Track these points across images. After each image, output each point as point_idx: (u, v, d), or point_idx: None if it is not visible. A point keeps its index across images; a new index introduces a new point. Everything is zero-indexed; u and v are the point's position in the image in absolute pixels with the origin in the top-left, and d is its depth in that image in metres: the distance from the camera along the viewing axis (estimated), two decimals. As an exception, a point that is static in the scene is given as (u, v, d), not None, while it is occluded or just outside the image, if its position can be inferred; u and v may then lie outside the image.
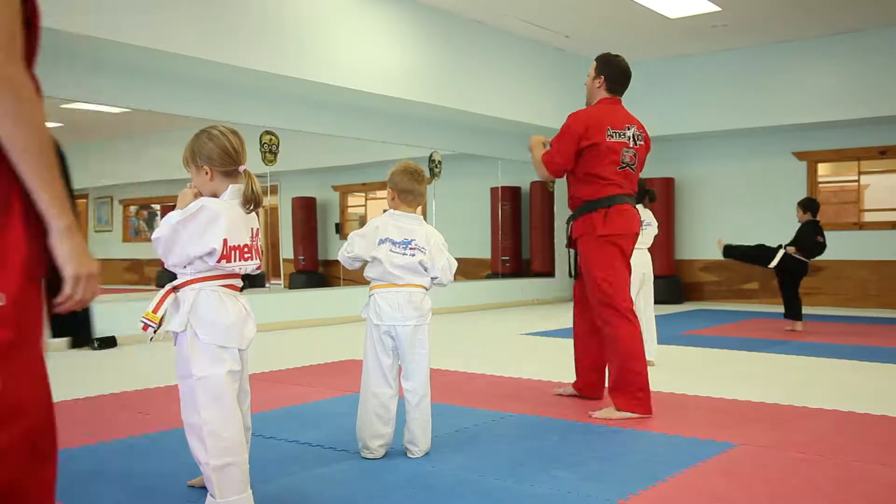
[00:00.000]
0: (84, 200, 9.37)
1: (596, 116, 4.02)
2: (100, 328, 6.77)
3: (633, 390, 3.78)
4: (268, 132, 8.36)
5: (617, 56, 4.26)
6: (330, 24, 7.90)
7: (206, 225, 2.34)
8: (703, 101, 10.92)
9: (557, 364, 5.52)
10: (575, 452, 3.17)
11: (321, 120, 8.73)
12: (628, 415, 3.76)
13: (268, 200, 9.53)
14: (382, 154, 9.23)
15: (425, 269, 3.10)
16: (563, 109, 4.34)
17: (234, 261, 2.38)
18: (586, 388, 4.25)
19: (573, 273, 4.17)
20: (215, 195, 2.44)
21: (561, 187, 11.97)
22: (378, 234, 3.11)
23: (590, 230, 3.94)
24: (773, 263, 7.51)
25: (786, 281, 7.63)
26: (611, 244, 3.92)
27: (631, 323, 3.88)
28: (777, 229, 9.36)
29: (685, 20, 9.44)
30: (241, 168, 2.44)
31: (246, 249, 2.42)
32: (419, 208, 3.27)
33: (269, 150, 8.39)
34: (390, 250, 3.08)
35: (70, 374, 5.40)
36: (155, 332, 2.38)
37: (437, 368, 4.88)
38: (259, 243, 2.52)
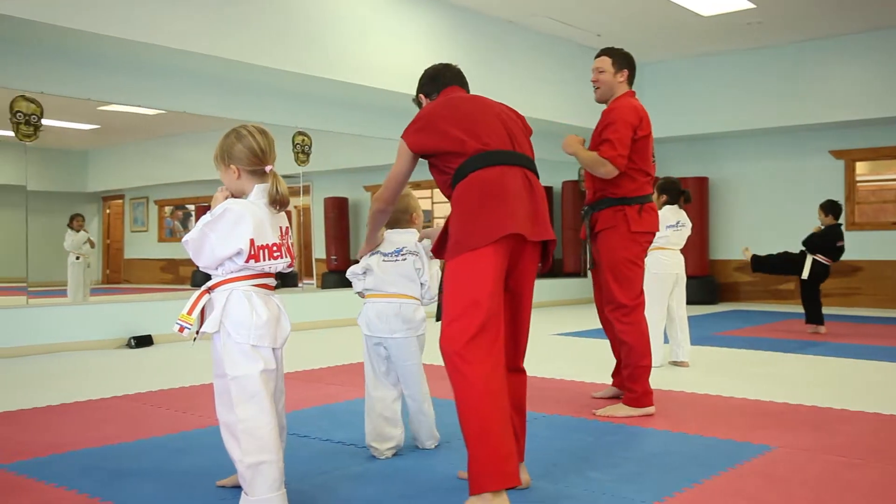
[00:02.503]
0: (121, 201, 9.50)
1: (642, 108, 4.01)
2: (136, 327, 6.87)
3: (637, 387, 3.82)
4: (300, 133, 8.41)
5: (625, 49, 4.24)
6: (361, 25, 7.93)
7: (232, 226, 2.36)
8: (738, 100, 10.79)
9: (588, 364, 5.49)
10: (609, 454, 3.14)
11: (353, 120, 8.76)
12: (632, 411, 3.80)
13: (300, 201, 9.58)
14: (414, 154, 9.23)
15: (419, 274, 3.11)
16: (595, 108, 4.29)
17: (264, 260, 2.40)
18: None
19: (590, 266, 4.13)
20: (243, 194, 2.46)
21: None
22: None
23: (621, 223, 3.87)
24: (806, 274, 7.39)
25: (807, 286, 7.50)
26: (638, 242, 3.89)
27: (642, 318, 3.87)
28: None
29: (719, 18, 9.33)
30: (268, 168, 2.46)
31: (275, 248, 2.43)
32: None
33: (302, 151, 8.44)
34: (383, 260, 3.12)
35: (108, 372, 5.48)
36: (197, 333, 2.42)
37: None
38: (290, 241, 2.54)
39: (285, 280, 9.58)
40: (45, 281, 7.23)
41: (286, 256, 2.48)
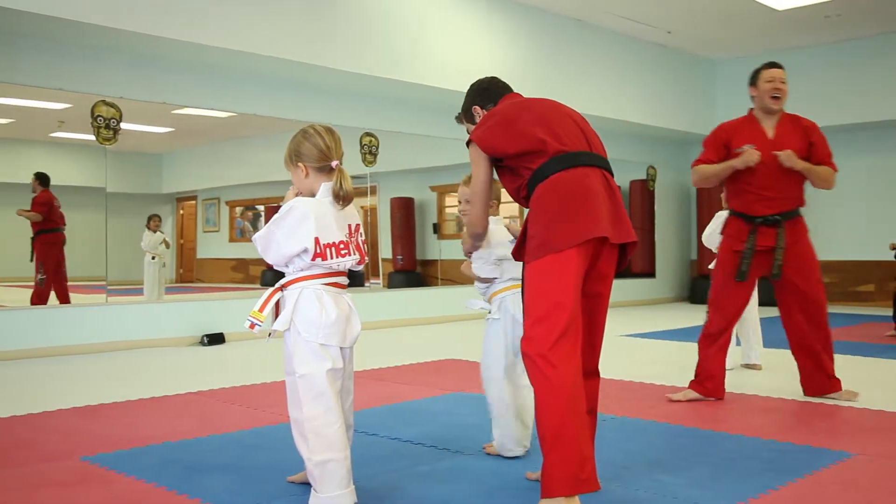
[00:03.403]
0: (193, 202, 9.76)
1: None
2: (209, 325, 7.04)
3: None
4: (367, 134, 8.50)
5: None
6: (428, 26, 7.97)
7: (297, 224, 2.40)
8: (818, 96, 10.44)
9: (656, 366, 5.40)
10: (681, 457, 3.08)
11: (420, 121, 8.82)
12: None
13: (367, 201, 9.68)
14: (480, 154, 9.22)
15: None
16: (665, 107, 4.25)
17: (331, 258, 2.43)
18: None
19: (775, 274, 4.13)
20: (312, 193, 2.51)
21: (664, 184, 11.71)
22: (499, 236, 3.08)
23: (806, 230, 4.25)
24: None
25: None
26: None
27: None
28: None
29: (794, 11, 9.08)
30: (334, 164, 2.50)
31: (342, 246, 2.45)
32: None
33: (369, 152, 8.53)
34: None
35: (182, 368, 5.63)
36: (270, 333, 2.47)
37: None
38: (360, 239, 2.55)
39: (353, 278, 9.68)
40: (123, 280, 7.47)
41: (355, 254, 2.50)
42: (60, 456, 3.16)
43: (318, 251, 2.40)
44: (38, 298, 6.92)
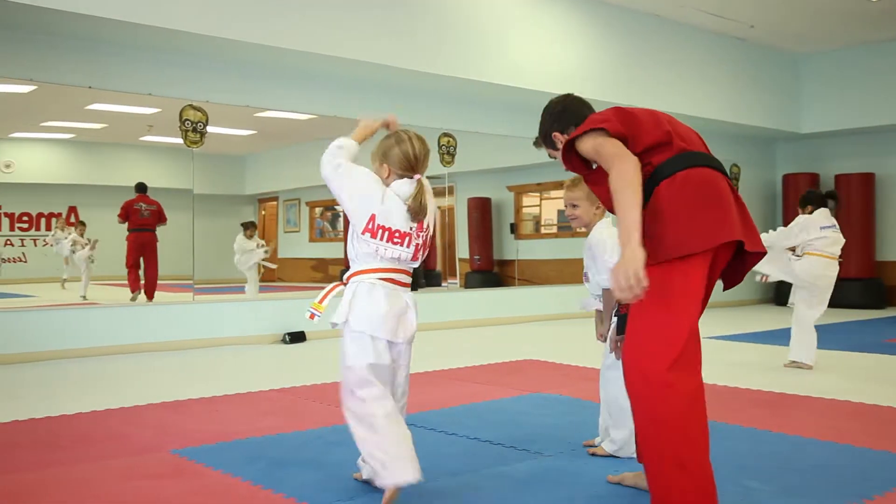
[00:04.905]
0: (275, 203, 9.97)
1: None
2: (290, 324, 7.18)
3: None
4: (445, 134, 8.53)
5: None
6: (506, 26, 7.95)
7: (365, 187, 2.54)
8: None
9: (742, 369, 5.26)
10: (769, 464, 2.99)
11: (497, 120, 8.80)
12: None
13: (444, 201, 9.72)
14: (557, 154, 9.15)
15: None
16: (748, 104, 4.11)
17: (381, 240, 2.50)
18: None
19: None
20: None
21: (748, 183, 11.40)
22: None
23: None
24: None
25: None
26: None
27: None
28: None
29: (888, 1, 8.71)
30: (416, 177, 2.56)
31: (397, 235, 2.51)
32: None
33: (447, 152, 8.56)
34: None
35: (265, 366, 5.77)
36: (337, 324, 2.57)
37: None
38: (425, 236, 2.60)
39: (426, 279, 9.74)
40: (209, 279, 7.69)
41: (408, 248, 2.54)
42: (151, 449, 3.27)
43: (371, 227, 2.49)
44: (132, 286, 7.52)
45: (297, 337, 7.08)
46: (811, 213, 5.47)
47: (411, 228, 2.54)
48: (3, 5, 5.32)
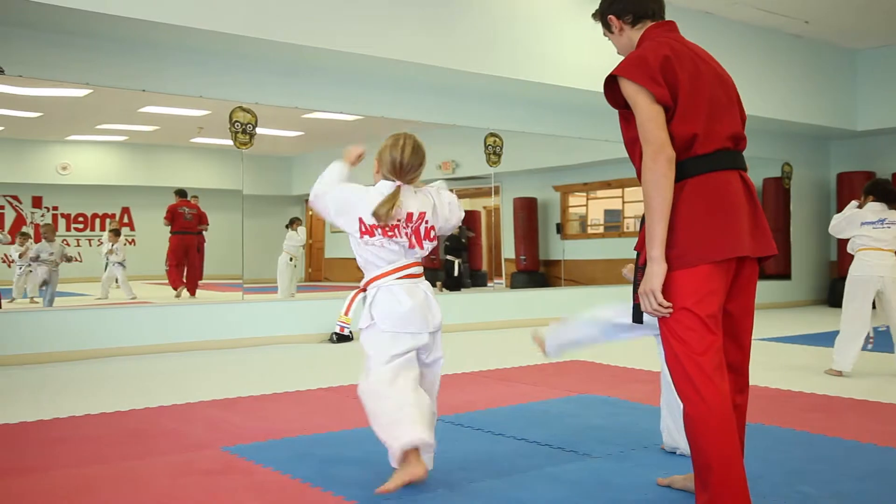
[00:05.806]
0: (322, 203, 10.06)
1: None
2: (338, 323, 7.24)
3: None
4: (492, 134, 8.52)
5: None
6: (551, 25, 7.91)
7: (346, 202, 2.73)
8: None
9: (791, 372, 5.16)
10: (823, 468, 2.93)
11: (543, 120, 8.76)
12: None
13: (490, 201, 9.70)
14: (604, 153, 9.09)
15: None
16: (801, 101, 4.02)
17: (376, 237, 2.67)
18: None
19: None
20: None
21: (800, 181, 11.17)
22: None
23: None
24: None
25: None
26: None
27: None
28: None
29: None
30: (397, 183, 2.68)
31: (388, 228, 2.65)
32: None
33: (494, 152, 8.54)
34: None
35: (313, 365, 5.82)
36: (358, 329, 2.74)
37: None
38: (417, 226, 2.69)
39: (460, 280, 9.73)
40: (257, 278, 7.80)
41: (402, 237, 2.67)
42: (202, 445, 3.33)
43: (364, 229, 2.65)
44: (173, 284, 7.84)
45: (344, 337, 7.12)
46: (862, 205, 5.19)
47: (398, 220, 2.66)
48: (60, 11, 5.47)
